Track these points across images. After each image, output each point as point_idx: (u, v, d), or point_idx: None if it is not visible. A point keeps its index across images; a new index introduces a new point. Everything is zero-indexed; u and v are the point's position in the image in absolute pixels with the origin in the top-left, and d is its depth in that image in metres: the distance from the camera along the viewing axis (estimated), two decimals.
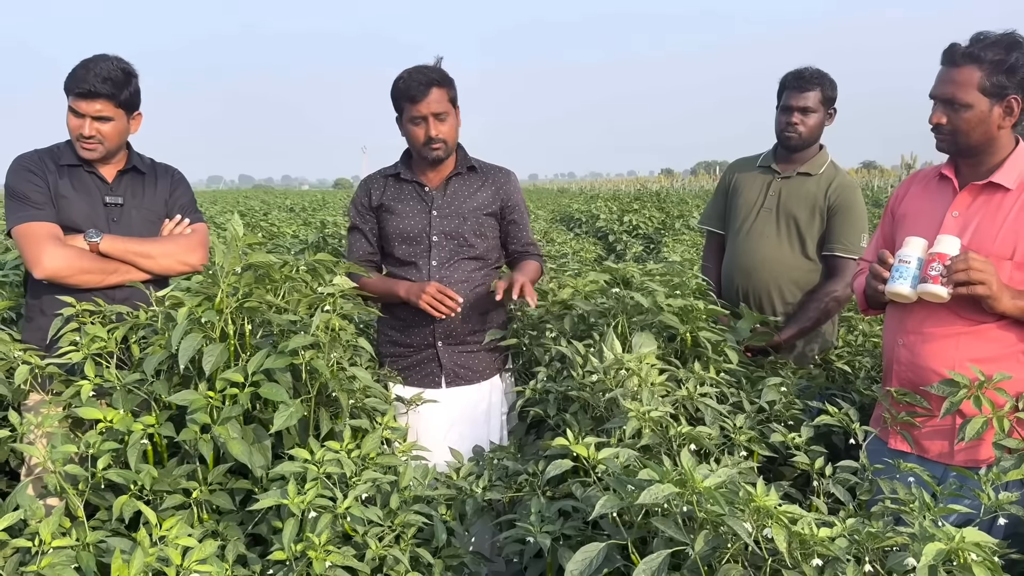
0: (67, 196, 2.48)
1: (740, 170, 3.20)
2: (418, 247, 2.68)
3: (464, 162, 2.72)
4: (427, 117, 2.56)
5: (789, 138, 2.99)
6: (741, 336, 2.71)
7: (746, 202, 3.10)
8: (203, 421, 1.81)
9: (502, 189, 2.73)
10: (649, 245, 9.92)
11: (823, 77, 2.97)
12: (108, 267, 2.42)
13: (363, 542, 1.77)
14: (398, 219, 2.69)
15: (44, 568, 1.47)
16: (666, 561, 1.30)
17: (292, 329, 1.98)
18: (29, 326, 2.49)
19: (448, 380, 2.71)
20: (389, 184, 2.74)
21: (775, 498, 1.33)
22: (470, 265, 2.69)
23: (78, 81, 2.41)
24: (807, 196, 2.97)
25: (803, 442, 1.95)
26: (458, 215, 2.67)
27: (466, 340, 2.70)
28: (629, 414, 1.81)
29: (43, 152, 2.55)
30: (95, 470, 1.73)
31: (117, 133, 2.49)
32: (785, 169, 3.05)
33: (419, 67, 2.58)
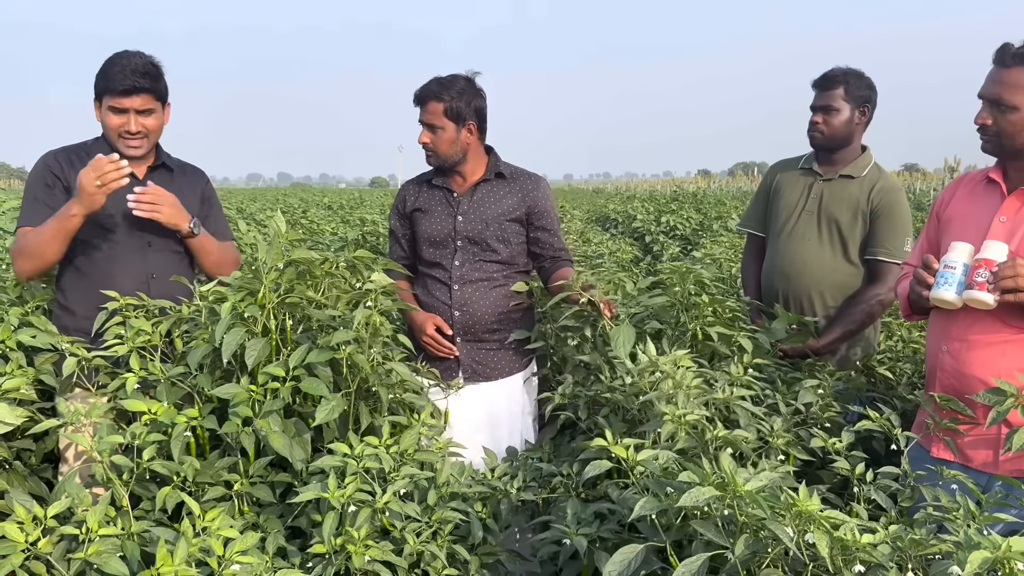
0: None
1: (782, 171, 3.16)
2: (444, 250, 2.79)
3: (493, 168, 2.81)
4: (422, 124, 2.72)
5: (812, 137, 2.98)
6: (776, 337, 2.68)
7: (787, 204, 3.06)
8: (245, 414, 1.85)
9: (529, 195, 2.79)
10: (686, 246, 9.84)
11: (848, 75, 2.92)
12: (40, 242, 2.38)
13: (401, 537, 1.79)
14: (427, 223, 2.81)
15: (91, 555, 1.50)
16: (705, 564, 1.30)
17: (332, 325, 2.01)
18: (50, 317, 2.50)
19: (466, 376, 2.78)
20: (423, 189, 2.87)
21: (817, 503, 1.32)
22: (493, 267, 2.77)
23: (116, 80, 2.41)
24: (849, 199, 2.93)
25: (843, 447, 1.93)
26: (481, 220, 2.75)
27: (484, 337, 2.76)
28: (664, 417, 1.80)
29: (72, 150, 2.55)
30: (140, 461, 1.77)
31: (158, 127, 2.53)
32: (827, 171, 3.00)
33: (442, 77, 2.70)
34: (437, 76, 2.71)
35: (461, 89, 2.68)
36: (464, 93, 2.68)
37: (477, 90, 2.73)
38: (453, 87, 2.67)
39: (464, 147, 2.73)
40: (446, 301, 2.75)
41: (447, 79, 2.69)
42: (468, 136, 2.72)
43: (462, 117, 2.68)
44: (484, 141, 2.82)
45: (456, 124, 2.69)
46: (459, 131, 2.70)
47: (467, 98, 2.68)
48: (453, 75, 2.71)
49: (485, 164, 2.82)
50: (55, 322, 2.45)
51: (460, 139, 2.71)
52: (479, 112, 2.73)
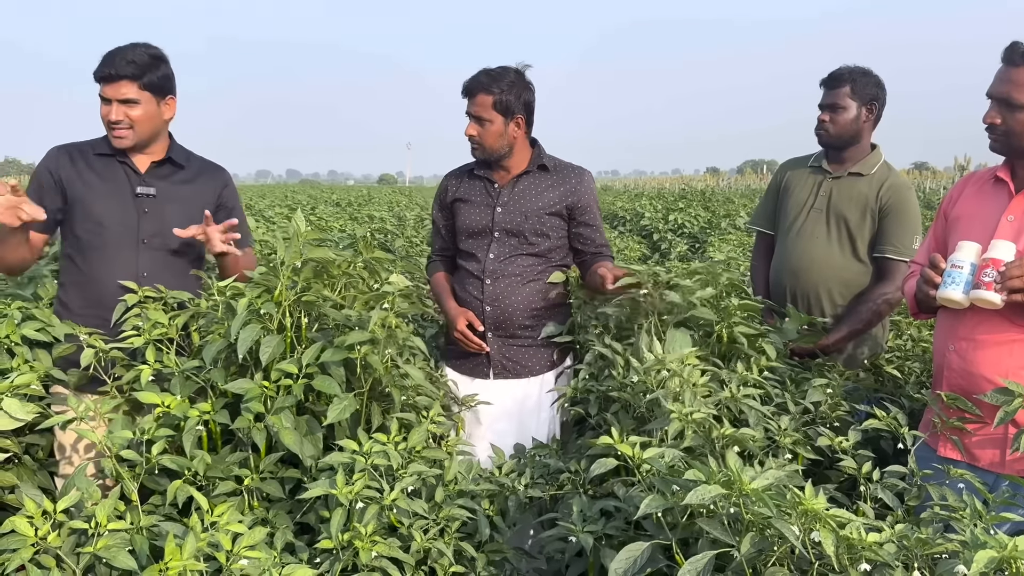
0: (92, 186, 2.46)
1: (791, 169, 3.17)
2: (481, 241, 2.76)
3: (536, 161, 2.77)
4: (469, 116, 2.67)
5: (820, 136, 2.99)
6: (788, 337, 2.68)
7: (796, 202, 3.06)
8: (257, 410, 1.86)
9: (571, 189, 2.74)
10: (694, 244, 9.84)
11: (855, 73, 2.93)
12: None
13: (408, 534, 1.80)
14: (466, 213, 2.78)
15: (100, 549, 1.52)
16: (711, 562, 1.30)
17: (348, 324, 2.02)
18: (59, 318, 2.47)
19: (495, 372, 2.75)
20: (464, 180, 2.85)
21: (823, 501, 1.32)
22: (528, 261, 2.73)
23: (102, 66, 2.39)
24: (858, 197, 2.93)
25: (850, 446, 1.93)
26: (521, 213, 2.71)
27: (516, 333, 2.72)
28: (671, 415, 1.80)
29: (76, 147, 2.53)
30: (150, 455, 1.78)
31: (147, 118, 2.44)
32: (836, 169, 3.01)
33: (491, 69, 2.66)
34: (486, 68, 2.67)
35: (511, 82, 2.64)
36: (514, 86, 2.64)
37: (526, 83, 2.69)
38: (503, 79, 2.63)
39: (511, 141, 2.70)
40: (477, 296, 2.72)
41: (497, 71, 2.66)
42: (515, 130, 2.68)
43: (511, 110, 2.65)
44: (530, 135, 2.78)
45: (504, 117, 2.65)
46: (507, 124, 2.66)
47: (517, 91, 2.65)
48: (503, 67, 2.67)
49: (529, 157, 2.77)
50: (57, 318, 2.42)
51: (508, 132, 2.67)
52: (527, 106, 2.69)
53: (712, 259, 2.93)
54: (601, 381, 2.35)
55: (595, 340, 2.49)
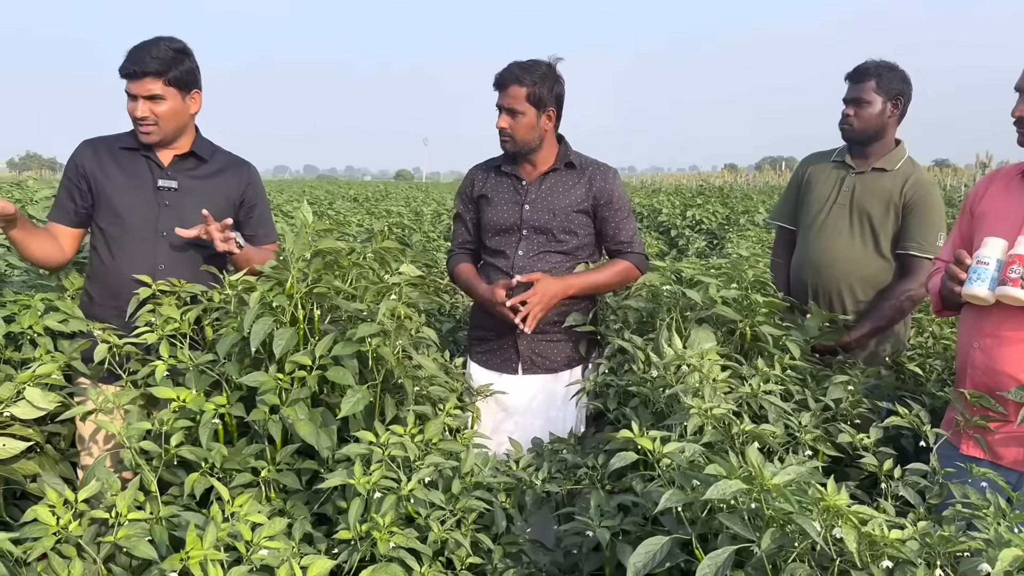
0: (114, 179, 2.48)
1: (814, 164, 3.13)
2: (509, 238, 2.75)
3: (563, 158, 2.75)
4: (501, 108, 2.65)
5: (843, 130, 2.96)
6: (809, 334, 2.65)
7: (819, 197, 3.03)
8: (272, 402, 1.86)
9: (596, 186, 2.72)
10: (712, 241, 9.79)
11: (881, 67, 2.89)
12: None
13: (425, 525, 1.79)
14: (493, 210, 2.77)
15: (120, 539, 1.52)
16: (731, 558, 1.29)
17: (360, 316, 2.02)
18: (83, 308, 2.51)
19: (524, 367, 2.74)
20: (491, 176, 2.83)
21: (846, 497, 1.30)
22: (556, 258, 2.71)
23: (127, 62, 2.40)
24: (882, 192, 2.89)
25: (871, 443, 1.91)
26: (549, 210, 2.70)
27: (545, 329, 2.70)
28: (691, 411, 1.79)
29: (105, 141, 2.55)
30: (168, 447, 1.79)
31: (173, 113, 2.45)
32: (860, 164, 2.97)
33: (523, 61, 2.64)
34: (518, 60, 2.65)
35: (543, 74, 2.63)
36: (546, 78, 2.63)
37: (558, 76, 2.68)
38: (535, 71, 2.62)
39: (542, 134, 2.68)
40: (507, 292, 2.67)
41: (529, 63, 2.64)
42: (547, 123, 2.67)
43: (543, 103, 2.63)
44: (558, 129, 2.76)
45: (537, 110, 2.63)
46: (539, 117, 2.64)
47: (549, 83, 2.63)
48: (534, 60, 2.66)
49: (556, 153, 2.76)
50: (82, 309, 2.46)
51: (539, 125, 2.66)
52: (559, 99, 2.68)
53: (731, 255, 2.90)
54: (620, 375, 2.34)
55: (614, 334, 2.48)
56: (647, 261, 2.80)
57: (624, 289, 2.86)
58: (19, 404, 1.90)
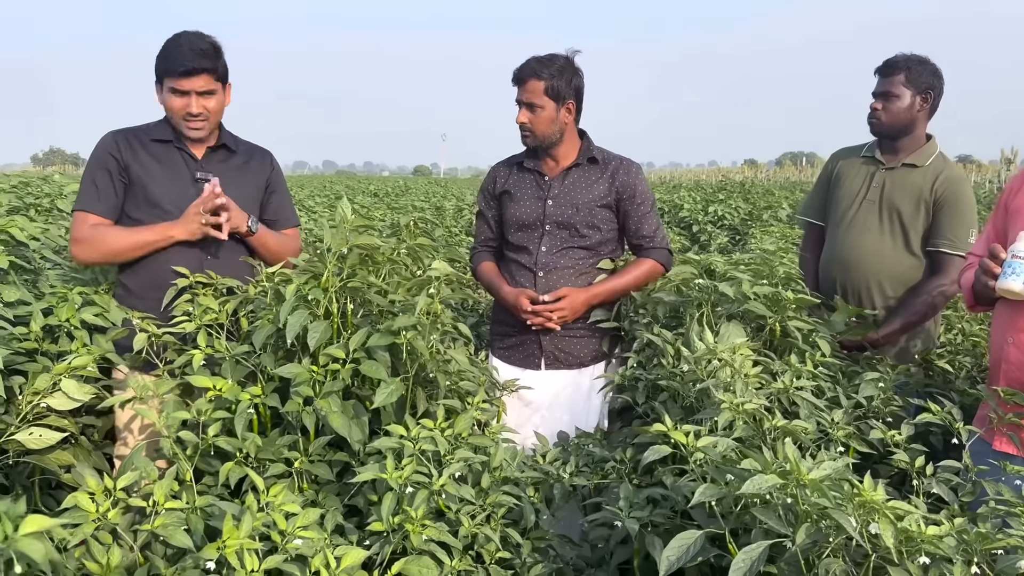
0: (153, 172, 2.50)
1: (844, 159, 3.11)
2: (532, 234, 2.74)
3: (586, 153, 2.74)
4: (520, 103, 2.65)
5: (872, 124, 2.94)
6: (835, 329, 2.64)
7: (848, 193, 3.01)
8: (306, 394, 1.88)
9: (619, 180, 2.71)
10: (735, 236, 9.74)
11: (911, 61, 2.86)
12: (122, 248, 2.45)
13: (456, 519, 1.80)
14: (516, 206, 2.76)
15: (157, 527, 1.54)
16: (765, 552, 1.29)
17: (392, 310, 2.03)
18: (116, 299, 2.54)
19: (547, 363, 2.75)
20: (513, 172, 2.83)
21: (882, 493, 1.30)
22: (579, 254, 2.71)
23: (177, 61, 2.40)
24: (912, 188, 2.86)
25: (903, 440, 1.90)
26: (572, 205, 2.69)
27: (568, 326, 2.71)
28: (722, 406, 1.79)
29: (133, 133, 2.55)
30: (205, 437, 1.81)
31: (219, 107, 2.52)
32: (890, 160, 2.95)
33: (541, 55, 2.64)
34: (535, 55, 2.66)
35: (561, 67, 2.62)
36: (564, 71, 2.63)
37: (576, 69, 2.67)
38: (553, 65, 2.62)
39: (562, 127, 2.68)
40: (531, 289, 2.70)
41: (546, 57, 2.64)
42: (567, 116, 2.67)
43: (562, 96, 2.63)
44: (579, 123, 2.76)
45: (556, 103, 2.63)
46: (558, 110, 2.64)
47: (567, 76, 2.63)
48: (552, 53, 2.66)
49: (578, 148, 2.75)
50: (118, 301, 2.48)
51: (559, 119, 2.65)
52: (578, 92, 2.68)
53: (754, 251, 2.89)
54: (649, 370, 2.34)
55: (643, 328, 2.48)
56: (671, 256, 2.79)
57: (652, 283, 2.85)
58: (55, 395, 1.94)
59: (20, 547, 0.81)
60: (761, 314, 2.31)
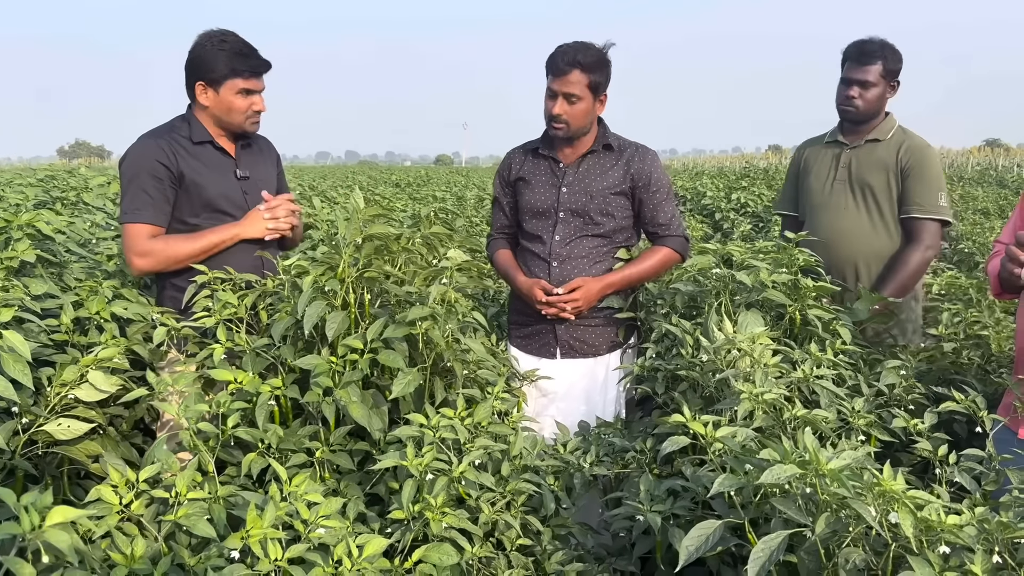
0: (202, 174, 2.53)
1: (809, 148, 3.21)
2: (545, 221, 2.74)
3: (601, 140, 2.73)
4: (558, 94, 2.61)
5: (847, 111, 2.99)
6: (858, 317, 2.62)
7: (817, 177, 3.10)
8: (326, 384, 1.90)
9: (634, 168, 2.70)
10: (758, 224, 9.67)
11: (885, 49, 2.91)
12: (191, 254, 2.47)
13: (476, 506, 1.82)
14: (530, 193, 2.76)
15: (180, 518, 1.57)
16: (785, 541, 1.29)
17: (409, 300, 2.04)
18: (162, 295, 2.59)
19: (563, 352, 2.75)
20: (528, 158, 2.82)
21: (902, 482, 1.29)
22: (593, 242, 2.70)
23: (249, 61, 2.50)
24: (878, 162, 2.95)
25: (926, 429, 1.89)
26: (586, 193, 2.68)
27: (584, 315, 2.70)
28: (741, 395, 1.79)
29: (168, 135, 2.54)
30: (225, 428, 1.83)
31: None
32: (853, 140, 3.04)
33: (578, 44, 2.61)
34: (572, 44, 2.61)
35: (600, 58, 2.61)
36: (604, 64, 2.62)
37: (609, 60, 2.66)
38: (593, 56, 2.59)
39: (594, 119, 2.68)
40: (544, 278, 2.70)
41: (584, 47, 2.61)
42: (600, 108, 2.67)
43: (600, 88, 2.63)
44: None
45: (594, 96, 2.62)
46: (595, 103, 2.64)
47: (606, 69, 2.63)
48: (586, 43, 2.62)
49: (595, 135, 2.74)
50: (170, 303, 2.48)
51: (593, 111, 2.65)
52: (608, 83, 2.67)
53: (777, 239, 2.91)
54: (668, 360, 2.34)
55: (661, 318, 2.47)
56: (688, 244, 2.77)
57: (669, 273, 2.85)
58: (82, 387, 1.97)
59: (47, 537, 0.82)
60: (780, 303, 2.30)
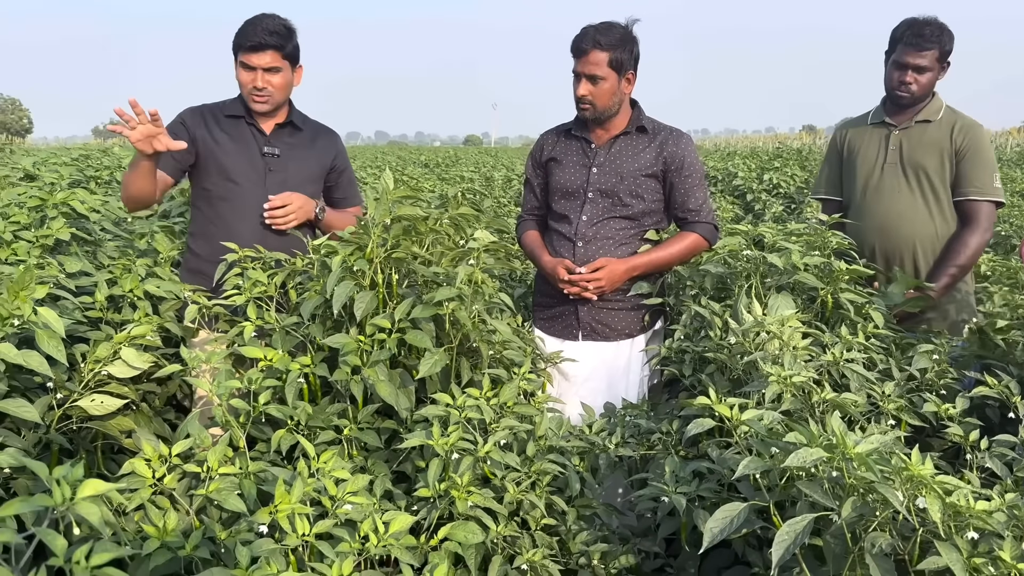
0: (223, 145, 2.65)
1: (851, 128, 3.11)
2: (574, 202, 2.73)
3: (635, 122, 2.71)
4: (582, 76, 2.60)
5: (901, 96, 2.90)
6: (893, 301, 2.59)
7: (866, 160, 2.99)
8: (354, 363, 1.91)
9: (667, 151, 2.67)
10: (790, 205, 9.55)
11: (943, 34, 2.82)
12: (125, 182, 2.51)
13: (501, 486, 1.83)
14: (561, 173, 2.75)
15: (212, 492, 1.59)
16: (810, 525, 1.29)
17: (436, 280, 2.05)
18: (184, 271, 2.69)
19: (584, 334, 2.74)
20: (560, 139, 2.82)
21: (930, 467, 1.28)
22: (620, 224, 2.68)
23: (247, 36, 2.55)
24: (932, 143, 2.86)
25: (957, 414, 1.86)
26: (616, 174, 2.67)
27: (606, 297, 2.69)
28: (770, 378, 1.77)
29: (210, 105, 2.72)
30: (256, 404, 1.86)
31: (284, 85, 2.63)
32: (901, 121, 2.94)
33: (600, 25, 2.59)
34: (593, 24, 2.60)
35: (623, 37, 2.58)
36: (626, 41, 2.58)
37: (635, 38, 2.62)
38: (615, 34, 2.57)
39: (622, 98, 2.65)
40: (569, 259, 2.68)
41: (606, 26, 2.58)
42: (627, 87, 2.64)
43: (624, 67, 2.59)
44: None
45: (618, 75, 2.59)
46: (620, 82, 2.61)
47: (629, 47, 2.59)
48: (610, 22, 2.60)
49: (628, 117, 2.72)
50: (184, 264, 2.66)
51: (620, 90, 2.62)
52: (636, 62, 2.64)
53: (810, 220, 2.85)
54: (696, 342, 2.33)
55: (690, 301, 2.46)
56: (717, 231, 2.74)
57: (698, 256, 2.82)
58: (116, 363, 2.00)
59: (78, 510, 0.84)
60: (812, 286, 2.28)
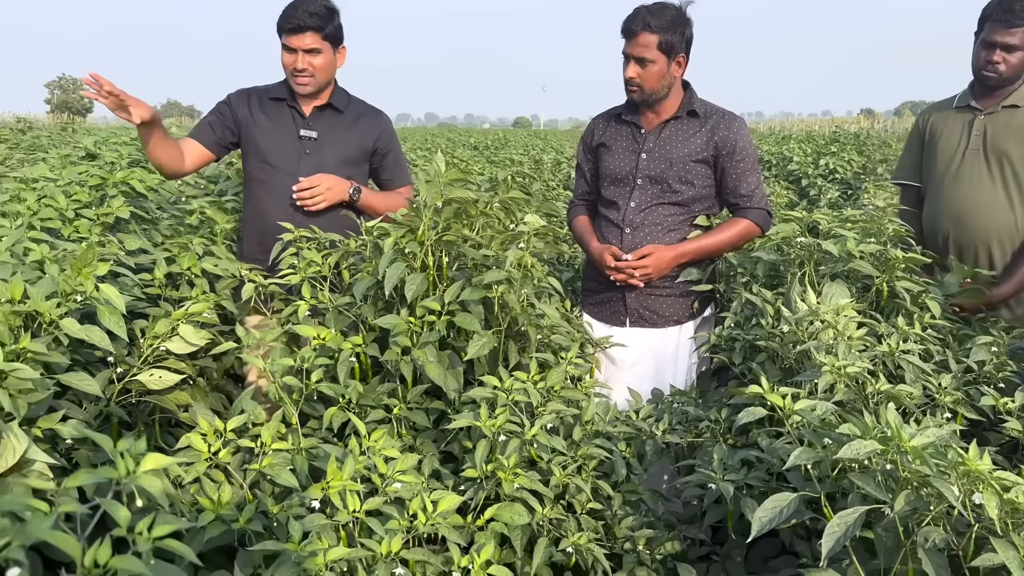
0: (262, 126, 2.68)
1: (935, 113, 2.95)
2: (623, 188, 2.69)
3: (686, 106, 2.64)
4: (631, 58, 2.55)
5: (988, 77, 2.73)
6: (949, 291, 2.51)
7: (947, 145, 2.85)
8: (404, 344, 1.94)
9: (719, 135, 2.60)
10: (847, 191, 9.34)
11: None
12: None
13: (547, 469, 1.84)
14: (611, 158, 2.72)
15: (265, 467, 1.63)
16: (862, 517, 1.27)
17: (485, 263, 2.06)
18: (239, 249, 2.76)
19: (632, 320, 2.72)
20: (610, 124, 2.78)
21: (988, 462, 1.25)
22: (669, 210, 2.64)
23: (288, 18, 2.57)
24: (1018, 129, 2.69)
25: (1016, 408, 1.82)
26: (666, 159, 2.62)
27: (654, 283, 2.65)
28: (823, 368, 1.75)
29: (253, 90, 2.76)
30: (308, 382, 1.90)
31: (327, 65, 2.64)
32: (987, 105, 2.78)
33: (652, 5, 2.52)
34: (645, 4, 2.53)
35: (674, 19, 2.50)
36: (677, 23, 2.50)
37: (688, 19, 2.54)
38: (666, 16, 2.49)
39: (671, 81, 2.58)
40: (616, 245, 2.65)
41: (657, 7, 2.51)
42: (677, 70, 2.57)
43: (674, 50, 2.52)
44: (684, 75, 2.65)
45: (668, 57, 2.52)
46: (669, 64, 2.53)
47: (680, 29, 2.51)
48: (663, 3, 2.53)
49: (679, 101, 2.65)
50: (239, 247, 2.74)
51: (669, 73, 2.55)
52: (688, 44, 2.56)
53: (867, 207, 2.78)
54: (747, 330, 2.30)
55: (742, 288, 2.43)
56: (770, 217, 2.67)
57: (750, 244, 2.78)
58: (173, 340, 2.05)
59: (140, 482, 0.87)
60: (867, 274, 2.23)
